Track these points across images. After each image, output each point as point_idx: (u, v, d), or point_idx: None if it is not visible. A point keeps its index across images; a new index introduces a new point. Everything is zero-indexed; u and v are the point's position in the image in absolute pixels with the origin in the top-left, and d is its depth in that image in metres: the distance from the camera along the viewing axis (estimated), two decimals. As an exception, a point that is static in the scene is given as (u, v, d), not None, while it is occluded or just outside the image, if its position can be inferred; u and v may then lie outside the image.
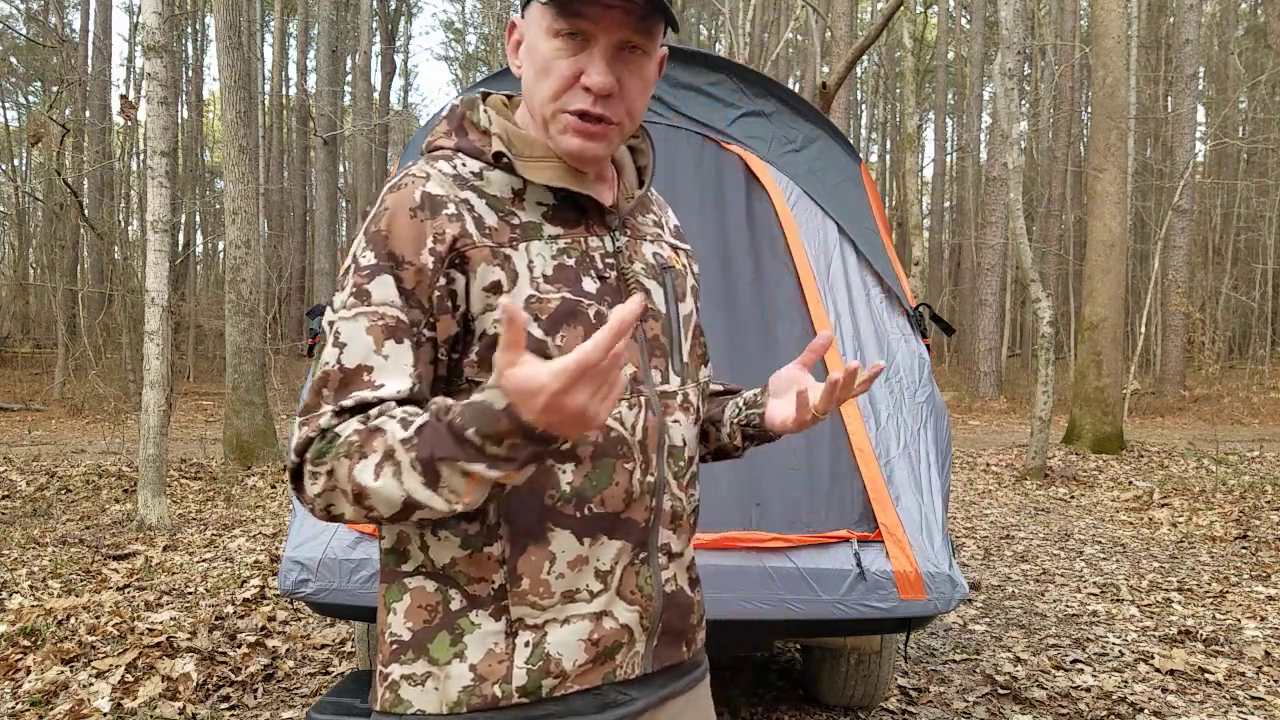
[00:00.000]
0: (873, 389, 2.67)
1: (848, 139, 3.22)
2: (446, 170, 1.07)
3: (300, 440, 0.99)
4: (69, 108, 20.40)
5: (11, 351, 20.74)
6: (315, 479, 0.97)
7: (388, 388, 0.99)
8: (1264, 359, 22.12)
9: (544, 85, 1.06)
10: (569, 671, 1.06)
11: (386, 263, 1.00)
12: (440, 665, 1.04)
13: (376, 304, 1.00)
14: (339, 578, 2.26)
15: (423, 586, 1.06)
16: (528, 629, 1.05)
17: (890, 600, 2.30)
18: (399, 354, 1.00)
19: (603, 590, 1.08)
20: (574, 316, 1.06)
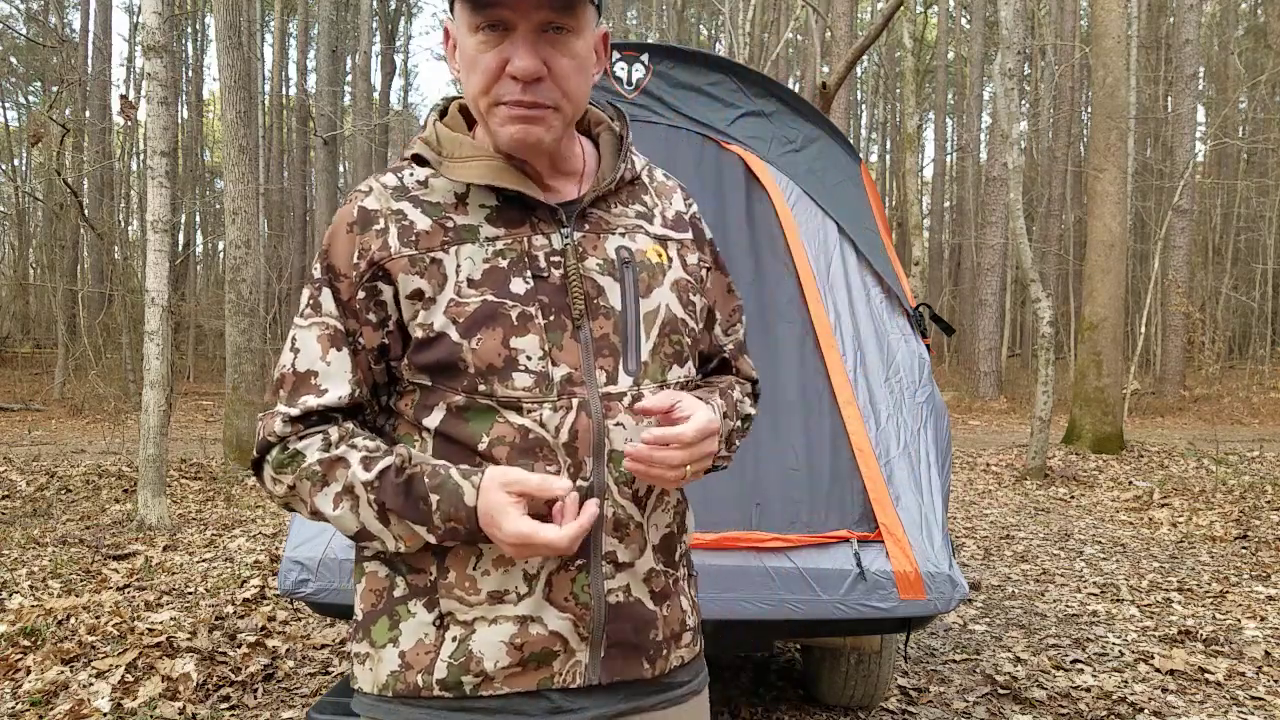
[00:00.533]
0: (873, 389, 2.67)
1: (848, 139, 3.22)
2: (389, 183, 1.12)
3: (260, 441, 1.09)
4: (69, 108, 20.40)
5: (11, 351, 20.74)
6: (276, 483, 1.09)
7: (331, 394, 1.08)
8: (1264, 359, 22.12)
9: (473, 80, 1.06)
10: (491, 672, 1.06)
11: (327, 275, 1.09)
12: (376, 648, 1.11)
13: (324, 314, 1.09)
14: (339, 578, 2.26)
15: (376, 571, 1.13)
16: (458, 624, 1.08)
17: (890, 600, 2.30)
18: (339, 361, 1.09)
19: (529, 594, 1.07)
20: (493, 319, 1.06)
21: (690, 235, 1.24)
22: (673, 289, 1.17)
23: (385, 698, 1.10)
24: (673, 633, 1.17)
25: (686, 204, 1.26)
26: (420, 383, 1.09)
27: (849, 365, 2.69)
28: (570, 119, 1.10)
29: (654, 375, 1.13)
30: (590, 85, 1.11)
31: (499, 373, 1.06)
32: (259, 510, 6.84)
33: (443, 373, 1.07)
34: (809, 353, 2.69)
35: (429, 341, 1.06)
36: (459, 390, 1.07)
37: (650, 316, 1.14)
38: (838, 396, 2.61)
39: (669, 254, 1.19)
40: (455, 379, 1.07)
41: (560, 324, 1.08)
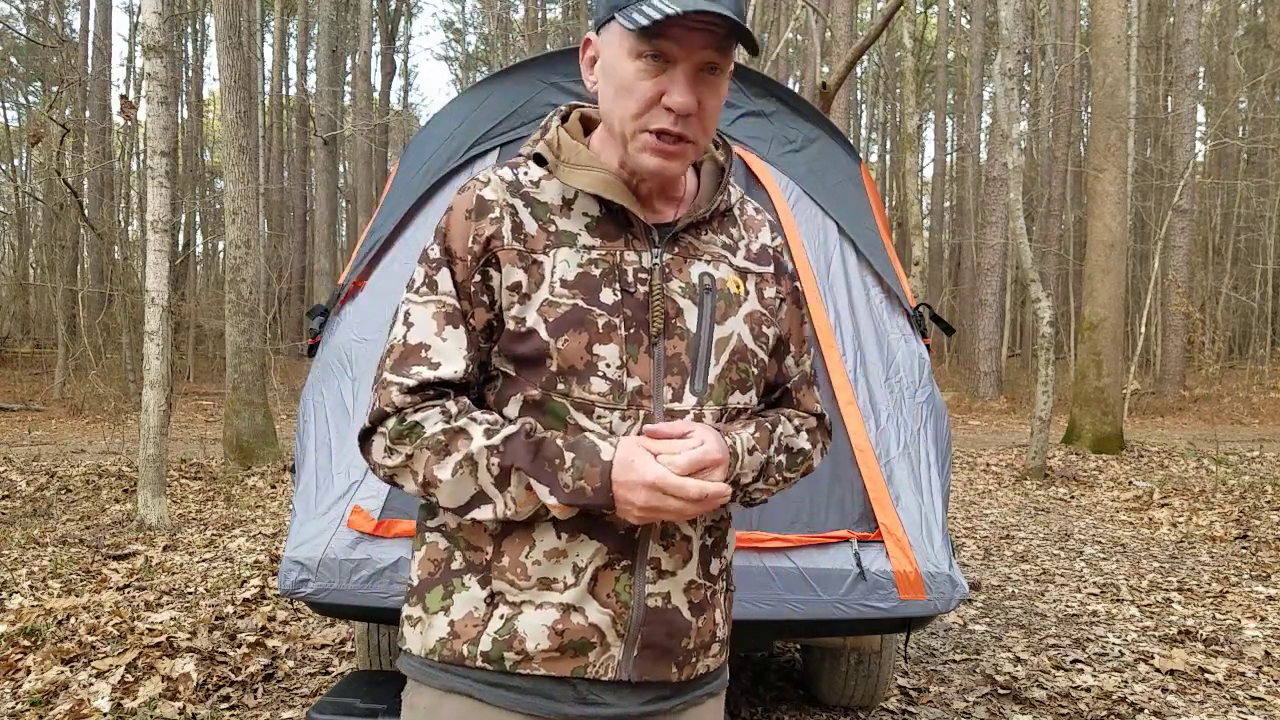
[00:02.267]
0: (873, 389, 2.67)
1: (848, 139, 3.22)
2: (506, 177, 1.17)
3: (375, 411, 1.12)
4: (69, 108, 20.40)
5: (11, 351, 20.74)
6: (391, 454, 1.12)
7: (445, 368, 1.12)
8: (1264, 359, 22.11)
9: (626, 104, 1.11)
10: (532, 653, 1.12)
11: (445, 257, 1.15)
12: (429, 614, 1.16)
13: (441, 293, 1.14)
14: (339, 578, 2.26)
15: (436, 542, 1.18)
16: (506, 604, 1.13)
17: (890, 600, 2.30)
18: (455, 338, 1.13)
19: (574, 585, 1.12)
20: (581, 324, 1.11)
21: (771, 269, 1.29)
22: (746, 320, 1.22)
23: (431, 661, 1.15)
24: (703, 642, 1.23)
25: (772, 238, 1.32)
26: (504, 371, 1.15)
27: (849, 365, 2.69)
28: (700, 154, 1.17)
29: (718, 398, 1.19)
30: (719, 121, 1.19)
31: (578, 375, 1.12)
32: (259, 510, 6.84)
33: (527, 366, 1.13)
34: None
35: (520, 335, 1.12)
36: (537, 385, 1.12)
37: (722, 343, 1.19)
38: (838, 396, 2.61)
39: (747, 286, 1.24)
40: (537, 373, 1.12)
41: (638, 338, 1.14)
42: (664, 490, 1.05)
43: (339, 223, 27.97)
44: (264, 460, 8.89)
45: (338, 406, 2.58)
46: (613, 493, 1.06)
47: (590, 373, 1.11)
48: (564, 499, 1.07)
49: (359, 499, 2.36)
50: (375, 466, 1.15)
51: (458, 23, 36.85)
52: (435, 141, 2.95)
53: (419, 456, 1.10)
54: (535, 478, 1.07)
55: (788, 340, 1.31)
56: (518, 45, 26.16)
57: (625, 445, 1.08)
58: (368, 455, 1.15)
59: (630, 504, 1.06)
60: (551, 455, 1.07)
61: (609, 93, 1.13)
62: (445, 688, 1.14)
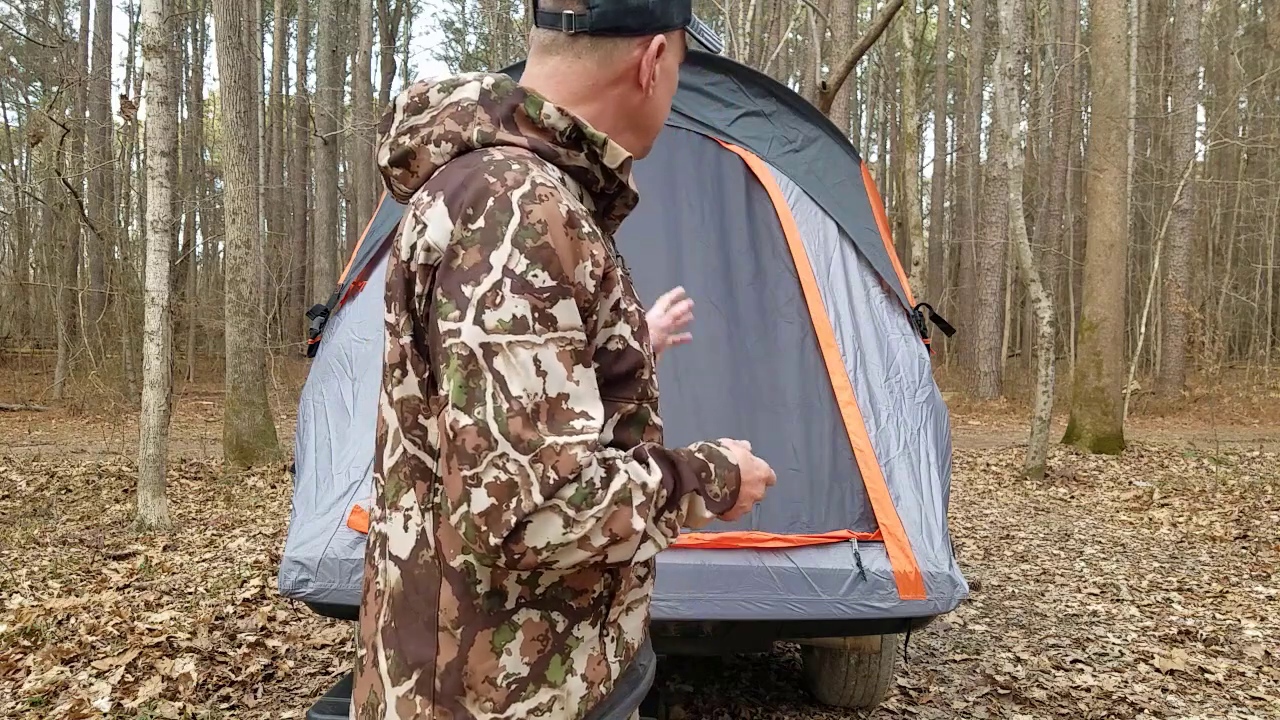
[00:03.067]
0: (873, 389, 2.67)
1: (848, 139, 3.22)
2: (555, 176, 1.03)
3: (555, 483, 0.90)
4: (69, 108, 20.41)
5: (11, 351, 20.74)
6: (571, 527, 0.92)
7: (596, 416, 0.95)
8: (1264, 359, 22.12)
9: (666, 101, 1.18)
10: (635, 651, 1.15)
11: (564, 284, 0.95)
12: (560, 686, 1.04)
13: (564, 329, 0.94)
14: (339, 578, 2.26)
15: (530, 618, 1.03)
16: (610, 626, 1.10)
17: (890, 600, 2.30)
18: (588, 379, 0.97)
19: (647, 573, 1.15)
20: (645, 325, 1.11)
21: None
22: None
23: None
24: None
25: None
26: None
27: (849, 365, 2.69)
28: None
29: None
30: None
31: (653, 376, 1.13)
32: (259, 510, 6.84)
33: (621, 383, 1.06)
34: (809, 353, 2.69)
35: (619, 354, 1.04)
36: (633, 398, 1.07)
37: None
38: (838, 396, 2.61)
39: None
40: (630, 387, 1.07)
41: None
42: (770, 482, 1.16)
43: (339, 223, 27.97)
44: (264, 460, 8.89)
45: (338, 406, 2.58)
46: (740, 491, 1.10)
47: (651, 371, 1.13)
48: (714, 509, 1.07)
49: (359, 499, 2.37)
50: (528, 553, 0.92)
51: (458, 23, 36.89)
52: (435, 141, 2.94)
53: (605, 517, 0.94)
54: (699, 495, 1.05)
55: None
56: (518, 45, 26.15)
57: (733, 446, 1.12)
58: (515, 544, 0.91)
59: (752, 499, 1.12)
60: (699, 469, 1.06)
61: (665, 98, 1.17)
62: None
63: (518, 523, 0.90)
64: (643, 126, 1.18)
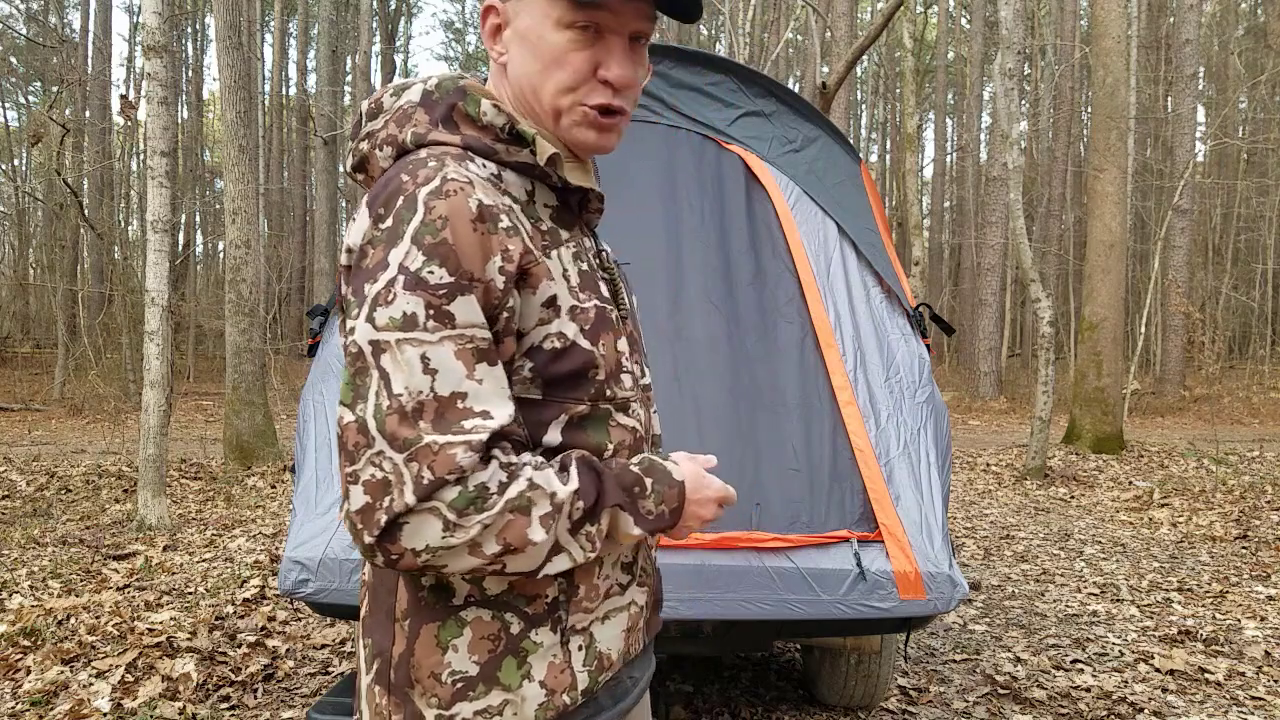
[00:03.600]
0: (873, 389, 2.67)
1: (848, 139, 3.22)
2: (478, 173, 1.00)
3: (430, 483, 0.88)
4: (69, 108, 20.41)
5: (11, 351, 20.74)
6: (453, 531, 0.89)
7: (497, 415, 0.93)
8: (1264, 359, 22.12)
9: (557, 78, 1.03)
10: (614, 661, 1.10)
11: (463, 280, 0.92)
12: (514, 690, 1.01)
13: (462, 326, 0.92)
14: (339, 578, 2.26)
15: (480, 617, 1.01)
16: (577, 634, 1.06)
17: (890, 600, 2.30)
18: (493, 378, 0.94)
19: (630, 582, 1.12)
20: (605, 323, 1.05)
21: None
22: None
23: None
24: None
25: None
26: (529, 398, 1.01)
27: (849, 365, 2.69)
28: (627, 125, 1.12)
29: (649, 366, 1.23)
30: None
31: (614, 376, 1.06)
32: (259, 510, 6.84)
33: (567, 383, 1.02)
34: (809, 353, 2.69)
35: (563, 352, 1.00)
36: (584, 399, 1.03)
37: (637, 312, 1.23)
38: (838, 396, 2.61)
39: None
40: (581, 387, 1.03)
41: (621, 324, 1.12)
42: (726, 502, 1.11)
43: (339, 223, 27.93)
44: (264, 460, 8.90)
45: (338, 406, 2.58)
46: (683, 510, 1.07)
47: (620, 371, 1.07)
48: (645, 527, 1.03)
49: (359, 499, 2.36)
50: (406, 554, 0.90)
51: (458, 23, 36.88)
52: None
53: (497, 524, 0.91)
54: (625, 510, 1.01)
55: None
56: (518, 45, 26.14)
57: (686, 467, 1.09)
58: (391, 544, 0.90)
59: (700, 519, 1.08)
60: (631, 483, 1.02)
61: (533, 66, 1.04)
62: None
63: (388, 522, 0.89)
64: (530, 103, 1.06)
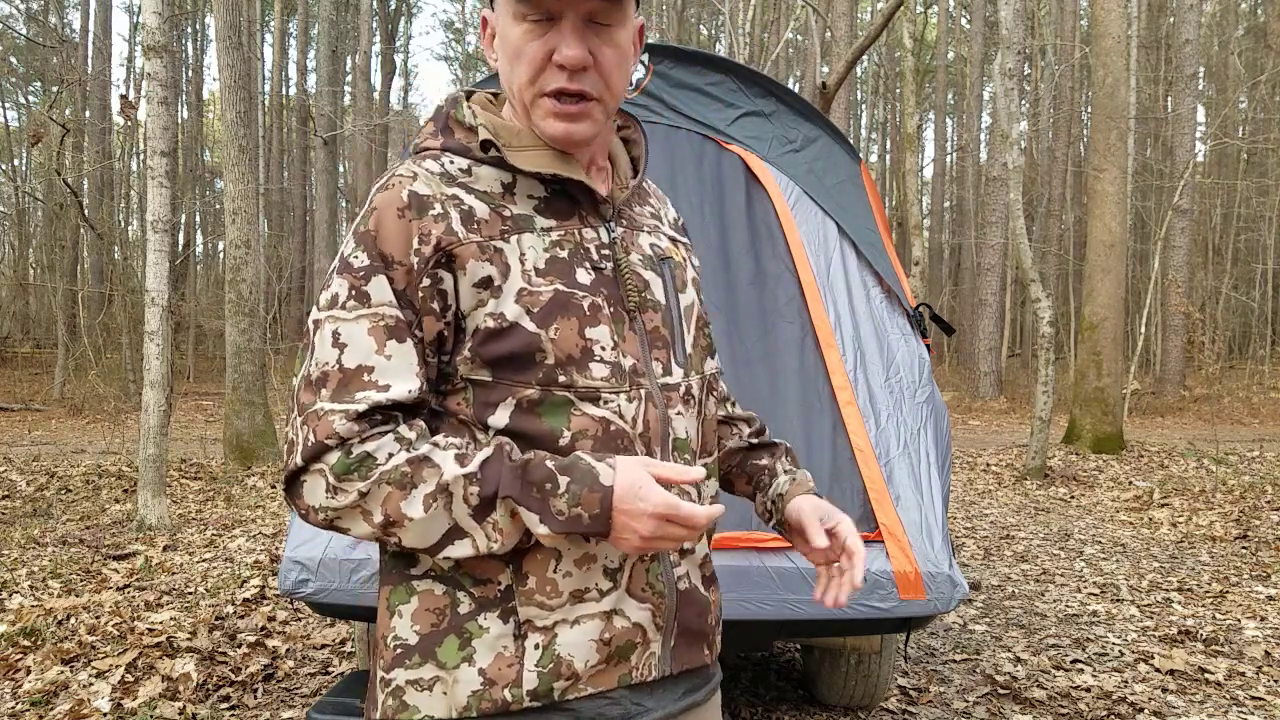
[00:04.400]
0: (873, 389, 2.67)
1: (848, 139, 3.22)
2: (433, 169, 1.06)
3: (311, 446, 0.97)
4: (69, 108, 20.41)
5: (11, 351, 20.74)
6: (335, 494, 0.97)
7: (396, 388, 0.99)
8: (1264, 359, 22.12)
9: (518, 70, 1.06)
10: (581, 673, 1.04)
11: (379, 263, 1.00)
12: (448, 669, 1.02)
13: (375, 305, 1.00)
14: (339, 578, 2.26)
15: (431, 589, 1.04)
16: (537, 631, 1.03)
17: (890, 600, 2.30)
18: (402, 354, 1.00)
19: (612, 588, 1.06)
20: (566, 308, 1.05)
21: (687, 239, 1.30)
22: (693, 285, 1.22)
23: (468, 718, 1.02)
24: (718, 618, 1.21)
25: (675, 211, 1.32)
26: (479, 379, 1.04)
27: (849, 365, 2.69)
28: (610, 112, 1.11)
29: (696, 367, 1.18)
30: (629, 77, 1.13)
31: (577, 363, 1.04)
32: (259, 510, 6.84)
33: (513, 365, 1.03)
34: (809, 353, 2.69)
35: (500, 332, 1.02)
36: (532, 384, 1.03)
37: (688, 311, 1.19)
38: (838, 396, 2.61)
39: (681, 253, 1.23)
40: (528, 371, 1.03)
41: (619, 316, 1.09)
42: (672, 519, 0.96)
43: (339, 223, 27.94)
44: (264, 460, 8.90)
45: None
46: (612, 519, 0.97)
47: (588, 359, 1.05)
48: (556, 528, 0.97)
49: (359, 499, 2.36)
50: (310, 511, 0.99)
51: (458, 23, 36.88)
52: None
53: (376, 493, 0.96)
54: (524, 505, 0.97)
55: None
56: (518, 45, 26.14)
57: (626, 468, 0.98)
58: (297, 499, 0.99)
59: (633, 532, 0.97)
60: (541, 479, 0.97)
61: (505, 66, 1.08)
62: None
63: (288, 478, 1.00)
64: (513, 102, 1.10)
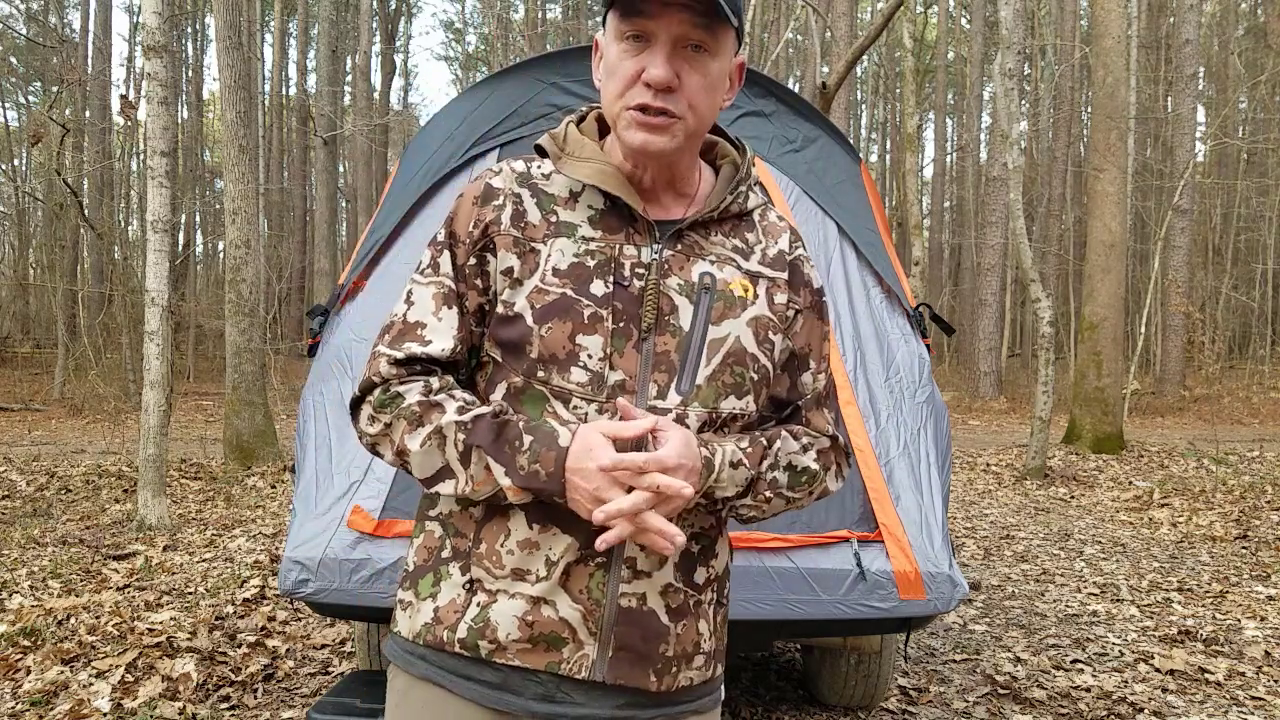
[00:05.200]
0: (873, 389, 2.67)
1: (848, 139, 3.22)
2: (518, 168, 1.22)
3: (365, 380, 1.17)
4: (69, 108, 20.41)
5: (11, 351, 20.74)
6: (373, 422, 1.16)
7: (435, 345, 1.16)
8: (1264, 359, 22.11)
9: (610, 85, 1.14)
10: (504, 643, 1.13)
11: (449, 240, 1.19)
12: (419, 599, 1.19)
13: (441, 274, 1.18)
14: (339, 578, 2.26)
15: (433, 530, 1.21)
16: (484, 592, 1.14)
17: (890, 600, 2.30)
18: (448, 318, 1.17)
19: (546, 579, 1.12)
20: (566, 313, 1.13)
21: (786, 275, 1.25)
22: (750, 324, 1.19)
23: (414, 646, 1.18)
24: (684, 652, 1.18)
25: (792, 245, 1.28)
26: (494, 356, 1.18)
27: (849, 365, 2.69)
28: (693, 133, 1.15)
29: (705, 400, 1.15)
30: (719, 108, 1.18)
31: (559, 364, 1.13)
32: (259, 510, 6.84)
33: (510, 351, 1.15)
34: (809, 353, 2.69)
35: (507, 320, 1.15)
36: (519, 372, 1.15)
37: (716, 344, 1.16)
38: (838, 396, 2.61)
39: (756, 290, 1.21)
40: (519, 360, 1.14)
41: (627, 332, 1.13)
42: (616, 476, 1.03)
43: (339, 223, 27.96)
44: (264, 460, 8.89)
45: (338, 406, 2.58)
46: (564, 479, 1.05)
47: (571, 362, 1.12)
48: (518, 481, 1.08)
49: (359, 499, 2.36)
50: (360, 434, 1.19)
51: (458, 23, 36.86)
52: (435, 142, 2.95)
53: (396, 426, 1.13)
54: (494, 457, 1.08)
55: (805, 355, 1.26)
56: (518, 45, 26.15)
57: (584, 432, 1.07)
58: (356, 423, 1.19)
59: (583, 490, 1.04)
60: (512, 437, 1.08)
61: (605, 83, 1.16)
62: (420, 675, 1.17)
63: (351, 403, 1.19)
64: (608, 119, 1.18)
